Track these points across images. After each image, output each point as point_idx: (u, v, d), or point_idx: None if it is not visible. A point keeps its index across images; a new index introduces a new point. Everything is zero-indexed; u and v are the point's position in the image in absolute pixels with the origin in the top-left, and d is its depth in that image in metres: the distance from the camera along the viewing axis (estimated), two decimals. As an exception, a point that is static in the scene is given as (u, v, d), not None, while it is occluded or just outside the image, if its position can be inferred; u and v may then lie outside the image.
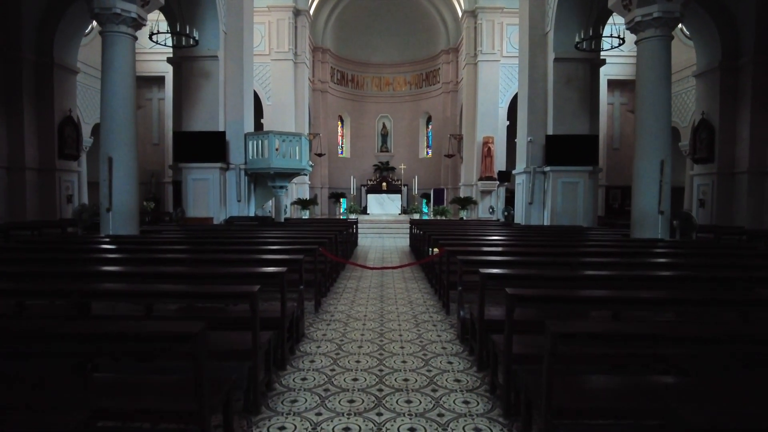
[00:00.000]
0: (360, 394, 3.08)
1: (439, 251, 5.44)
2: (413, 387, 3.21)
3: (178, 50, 11.46)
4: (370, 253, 11.43)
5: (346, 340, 4.26)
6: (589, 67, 11.52)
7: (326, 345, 4.12)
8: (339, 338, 4.33)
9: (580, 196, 11.58)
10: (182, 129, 11.64)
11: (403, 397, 3.05)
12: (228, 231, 8.19)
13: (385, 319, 5.00)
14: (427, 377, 3.39)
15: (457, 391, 3.15)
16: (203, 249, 5.37)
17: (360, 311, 5.38)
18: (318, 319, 5.02)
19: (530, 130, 11.97)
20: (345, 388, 3.18)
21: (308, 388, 3.18)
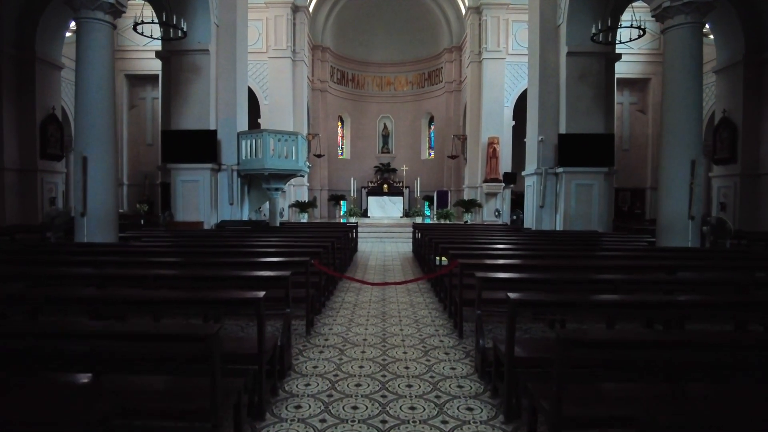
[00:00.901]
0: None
1: (451, 263, 4.72)
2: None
3: (166, 44, 10.78)
4: (371, 260, 10.72)
5: (342, 375, 3.54)
6: (604, 62, 10.81)
7: (317, 382, 3.39)
8: (333, 372, 3.61)
9: (594, 199, 10.86)
10: (171, 127, 10.94)
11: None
12: (215, 237, 7.49)
13: (388, 345, 4.28)
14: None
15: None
16: (175, 263, 4.66)
17: (359, 333, 4.66)
18: (309, 345, 4.30)
19: (541, 129, 11.26)
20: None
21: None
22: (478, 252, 5.64)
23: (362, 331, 4.71)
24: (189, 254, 5.32)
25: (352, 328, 4.85)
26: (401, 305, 5.90)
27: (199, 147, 10.59)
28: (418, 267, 9.52)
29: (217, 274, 3.81)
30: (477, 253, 5.48)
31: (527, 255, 5.39)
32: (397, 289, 7.04)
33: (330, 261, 6.72)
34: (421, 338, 4.50)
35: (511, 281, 3.62)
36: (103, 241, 7.03)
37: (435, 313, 5.51)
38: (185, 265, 4.51)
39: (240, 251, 5.50)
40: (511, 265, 4.43)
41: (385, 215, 21.78)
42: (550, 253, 5.60)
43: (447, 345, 4.30)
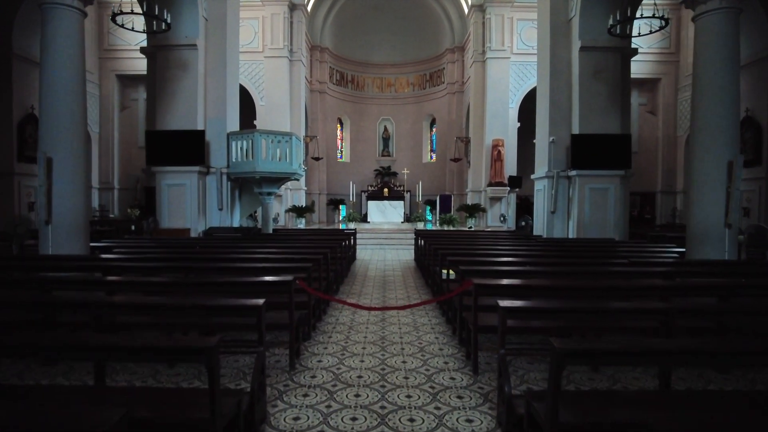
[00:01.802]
0: None
1: (463, 283, 3.98)
2: None
3: (152, 39, 10.09)
4: (371, 270, 9.97)
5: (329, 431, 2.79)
6: (619, 57, 10.10)
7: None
8: (318, 427, 2.85)
9: (610, 204, 10.12)
10: (157, 128, 10.23)
11: None
12: (197, 248, 6.74)
13: (388, 384, 3.53)
14: None
15: None
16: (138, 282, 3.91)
17: (353, 367, 3.90)
18: (292, 384, 3.54)
19: (552, 129, 10.53)
20: None
21: None
22: (492, 267, 4.88)
23: (357, 364, 3.96)
24: (152, 271, 4.58)
25: (345, 359, 4.10)
26: (403, 327, 5.15)
27: (185, 148, 9.87)
28: (420, 278, 8.77)
29: (173, 303, 3.06)
30: (491, 269, 4.72)
31: (552, 272, 4.63)
32: (399, 305, 6.29)
33: (323, 274, 5.98)
34: (428, 374, 3.75)
35: (544, 312, 2.87)
36: (71, 252, 6.29)
37: (443, 338, 4.75)
38: (135, 287, 3.76)
39: (216, 267, 4.75)
40: (538, 288, 3.68)
41: (385, 220, 21.05)
42: (578, 269, 4.85)
43: (460, 384, 3.55)
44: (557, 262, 5.56)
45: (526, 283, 3.78)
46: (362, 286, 7.87)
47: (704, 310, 3.26)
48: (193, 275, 4.34)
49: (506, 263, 5.32)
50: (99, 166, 18.62)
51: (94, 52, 18.12)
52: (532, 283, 3.78)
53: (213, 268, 4.72)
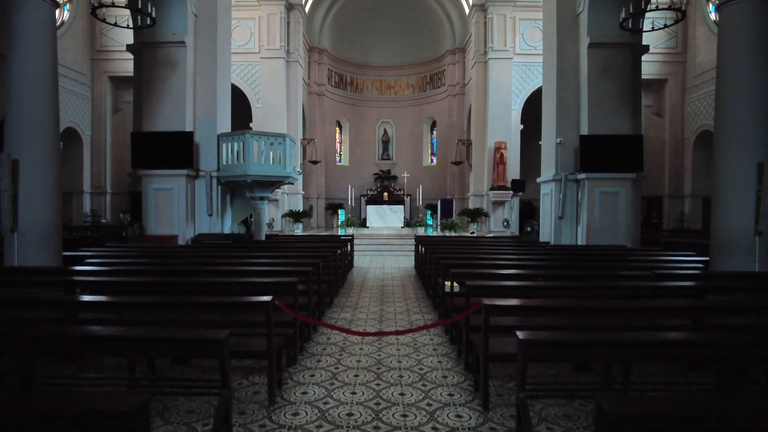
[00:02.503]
0: None
1: (471, 304, 3.43)
2: None
3: (138, 35, 9.60)
4: (368, 278, 9.42)
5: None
6: (630, 54, 9.58)
7: None
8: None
9: (621, 208, 9.58)
10: (143, 129, 9.72)
11: None
12: (177, 257, 6.20)
13: (384, 425, 2.97)
14: None
15: None
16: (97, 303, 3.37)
17: (343, 401, 3.35)
18: (270, 425, 2.98)
19: (559, 130, 10.01)
20: None
21: None
22: (502, 282, 4.33)
23: (348, 398, 3.40)
24: (120, 287, 4.04)
25: (334, 390, 3.54)
26: (402, 348, 4.59)
27: (173, 151, 9.35)
28: (421, 288, 8.21)
29: (123, 334, 2.51)
30: (501, 285, 4.17)
31: (568, 287, 4.08)
32: (397, 321, 5.75)
33: (314, 287, 5.44)
34: (429, 411, 3.19)
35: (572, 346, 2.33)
36: (40, 264, 5.76)
37: (447, 362, 4.20)
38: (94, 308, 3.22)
39: (190, 282, 4.21)
40: (556, 310, 3.14)
41: (384, 225, 20.51)
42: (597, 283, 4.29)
43: (468, 424, 2.99)
44: (572, 274, 5.01)
45: (542, 304, 3.23)
46: (358, 298, 7.33)
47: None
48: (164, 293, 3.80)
49: (516, 276, 4.78)
50: (91, 169, 18.14)
51: (86, 53, 17.71)
52: (549, 304, 3.24)
53: (186, 283, 4.17)
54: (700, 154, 17.61)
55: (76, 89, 17.19)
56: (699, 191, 17.84)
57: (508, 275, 4.77)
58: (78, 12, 16.91)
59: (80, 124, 17.54)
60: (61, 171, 6.34)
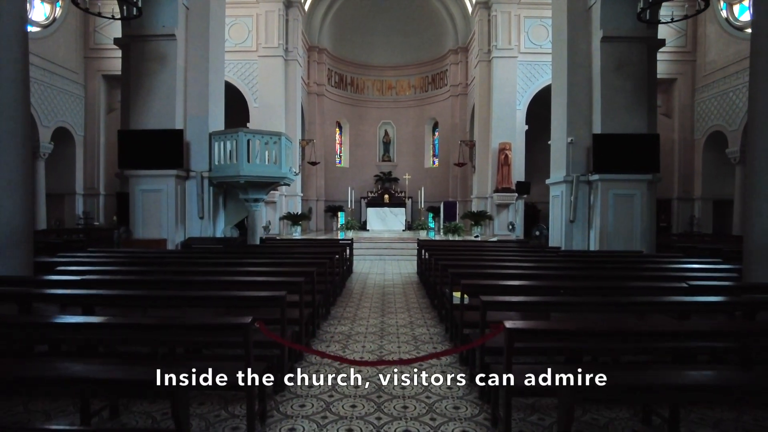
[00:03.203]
0: None
1: (492, 328, 2.88)
2: None
3: (126, 27, 9.09)
4: (368, 285, 8.88)
5: None
6: (645, 49, 9.07)
7: None
8: None
9: (636, 212, 9.05)
10: (131, 127, 9.20)
11: None
12: (160, 265, 5.67)
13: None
14: None
15: None
16: (44, 325, 2.83)
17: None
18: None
19: (570, 129, 9.48)
20: None
21: None
22: (521, 298, 3.78)
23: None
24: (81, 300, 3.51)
25: (327, 427, 3.00)
26: (406, 369, 4.04)
27: (162, 150, 8.84)
28: (425, 297, 7.67)
29: (51, 376, 1.98)
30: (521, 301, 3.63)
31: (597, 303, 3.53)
32: (400, 336, 5.21)
33: (308, 298, 4.91)
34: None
35: (629, 391, 1.79)
36: (4, 273, 5.22)
37: (458, 389, 3.64)
38: (43, 330, 2.68)
39: (166, 297, 3.66)
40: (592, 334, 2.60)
41: (385, 228, 19.98)
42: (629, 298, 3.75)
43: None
44: (595, 286, 4.47)
45: (574, 327, 2.69)
46: (357, 308, 6.78)
47: None
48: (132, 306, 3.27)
49: (534, 289, 4.23)
50: (84, 170, 17.66)
51: (79, 51, 17.24)
52: (582, 328, 2.69)
53: (160, 298, 3.63)
54: (711, 156, 17.09)
55: (68, 88, 16.71)
56: (710, 194, 17.31)
57: (524, 288, 4.23)
58: (70, 9, 16.43)
59: (73, 123, 17.05)
60: (31, 168, 5.81)
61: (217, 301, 3.60)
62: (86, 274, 4.83)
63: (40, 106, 15.41)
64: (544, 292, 4.15)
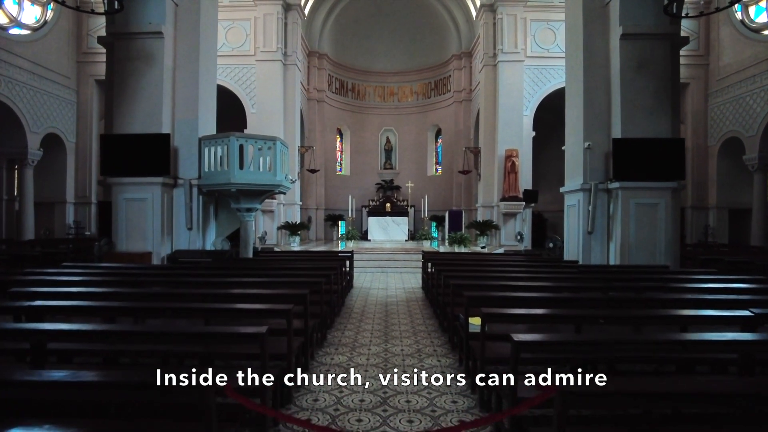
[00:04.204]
0: None
1: (540, 390, 2.17)
2: None
3: (110, 24, 8.49)
4: (369, 303, 8.15)
5: None
6: (668, 46, 8.42)
7: None
8: None
9: (660, 222, 8.34)
10: (114, 131, 8.56)
11: None
12: (131, 285, 4.97)
13: None
14: None
15: None
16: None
17: None
18: None
19: (587, 134, 8.81)
20: None
21: None
22: (559, 338, 3.08)
23: None
24: (23, 335, 2.81)
25: None
26: (415, 419, 3.33)
27: (147, 155, 8.19)
28: (433, 318, 6.94)
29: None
30: (560, 341, 2.92)
31: (661, 341, 2.83)
32: (406, 367, 4.48)
33: (300, 323, 4.21)
34: None
35: None
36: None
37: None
38: None
39: (121, 332, 2.96)
40: (670, 396, 1.90)
41: (387, 238, 19.28)
42: (692, 336, 3.03)
43: None
44: (642, 316, 3.75)
45: (652, 388, 1.98)
46: (357, 330, 6.06)
47: None
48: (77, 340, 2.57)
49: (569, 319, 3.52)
50: (75, 178, 17.02)
51: (72, 55, 16.70)
52: (658, 389, 1.98)
53: (118, 333, 2.93)
54: (726, 163, 16.41)
55: (59, 93, 16.14)
56: (725, 203, 16.61)
57: (556, 316, 3.52)
58: (62, 12, 15.93)
59: (64, 130, 16.46)
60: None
61: (182, 338, 2.89)
62: (41, 297, 4.13)
63: (28, 112, 14.82)
64: (581, 323, 3.44)
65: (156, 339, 2.97)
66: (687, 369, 3.75)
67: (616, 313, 3.65)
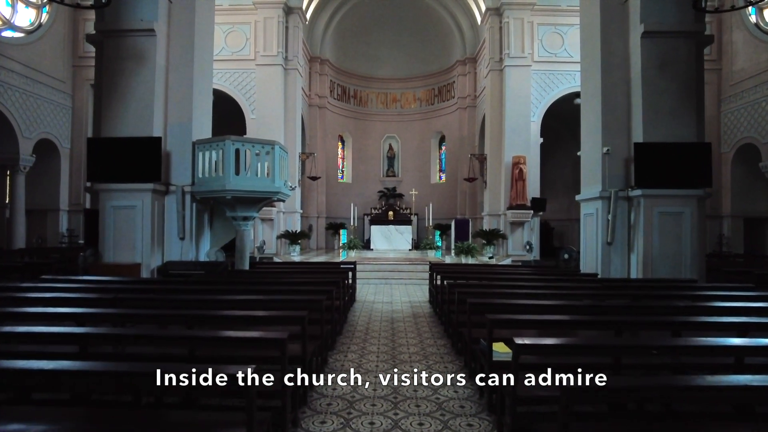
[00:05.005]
0: None
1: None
2: None
3: (99, 22, 8.01)
4: (374, 320, 7.57)
5: None
6: (693, 45, 7.92)
7: None
8: None
9: (686, 233, 7.78)
10: (103, 135, 8.05)
11: None
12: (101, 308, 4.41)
13: None
14: None
15: None
16: None
17: None
18: None
19: (606, 138, 8.28)
20: None
21: None
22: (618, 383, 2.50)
23: None
24: None
25: None
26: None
27: (137, 160, 7.66)
28: (443, 337, 6.35)
29: None
30: (623, 386, 2.35)
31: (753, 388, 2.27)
32: (421, 409, 3.90)
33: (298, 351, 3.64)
34: None
35: None
36: None
37: None
38: None
39: (89, 369, 2.40)
40: None
41: (390, 247, 18.71)
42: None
43: None
44: (698, 346, 3.18)
45: None
46: (361, 354, 5.47)
47: None
48: None
49: (612, 350, 2.94)
50: (69, 185, 16.51)
51: (67, 59, 16.28)
52: None
53: (79, 373, 2.37)
54: (741, 170, 15.87)
55: (54, 98, 15.70)
56: (740, 211, 16.03)
57: (605, 347, 2.94)
58: (58, 15, 15.55)
59: (58, 135, 15.99)
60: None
61: (145, 380, 2.32)
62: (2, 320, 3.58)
63: (21, 116, 14.36)
64: (628, 355, 2.86)
65: (129, 380, 2.42)
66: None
67: (663, 342, 3.07)
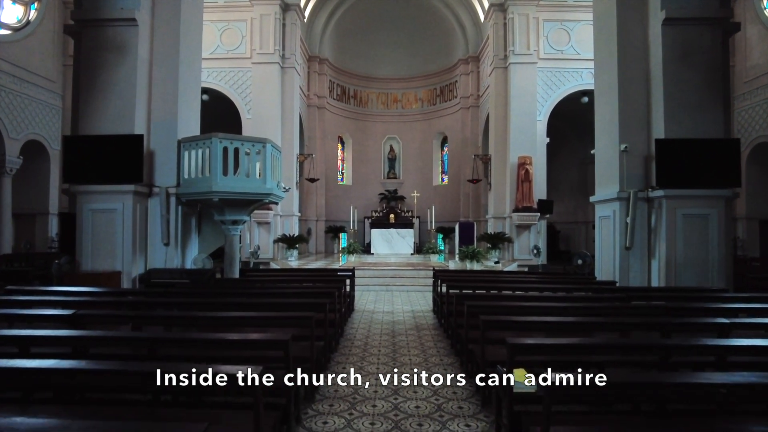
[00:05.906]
0: None
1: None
2: None
3: (77, 10, 7.45)
4: (373, 332, 6.94)
5: None
6: (718, 33, 7.32)
7: None
8: None
9: (712, 237, 7.16)
10: (81, 132, 7.47)
11: None
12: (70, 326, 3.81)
13: None
14: None
15: None
16: None
17: None
18: None
19: (623, 135, 7.67)
20: None
21: None
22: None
23: None
24: None
25: None
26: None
27: (117, 160, 7.07)
28: (450, 356, 5.72)
29: None
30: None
31: None
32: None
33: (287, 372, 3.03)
34: None
35: None
36: None
37: None
38: None
39: None
40: None
41: (391, 252, 18.10)
42: None
43: None
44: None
45: None
46: (359, 373, 4.85)
47: None
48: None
49: (672, 388, 2.33)
50: (59, 188, 15.95)
51: (58, 57, 15.74)
52: None
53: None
54: (757, 170, 15.23)
55: (43, 97, 15.16)
56: (755, 213, 15.40)
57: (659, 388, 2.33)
58: (47, 12, 15.03)
59: (47, 136, 15.44)
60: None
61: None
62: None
63: (7, 117, 13.82)
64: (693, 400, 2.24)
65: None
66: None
67: (732, 380, 2.45)
